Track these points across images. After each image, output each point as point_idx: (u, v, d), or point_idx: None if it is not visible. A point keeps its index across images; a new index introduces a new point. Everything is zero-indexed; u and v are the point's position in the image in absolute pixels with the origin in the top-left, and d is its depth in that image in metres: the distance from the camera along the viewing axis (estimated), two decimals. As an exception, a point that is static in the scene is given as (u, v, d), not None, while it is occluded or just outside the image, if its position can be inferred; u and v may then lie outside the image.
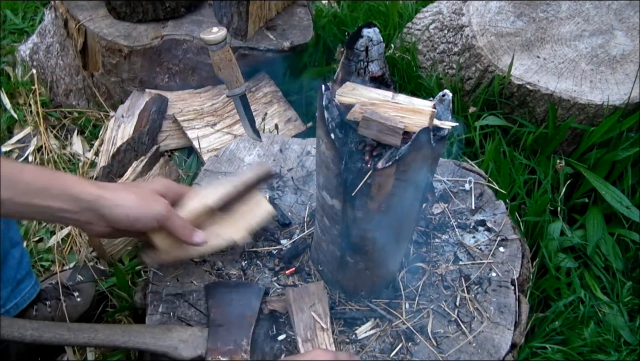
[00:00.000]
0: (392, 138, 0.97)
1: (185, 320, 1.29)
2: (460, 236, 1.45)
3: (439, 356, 1.25)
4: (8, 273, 1.40)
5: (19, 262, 1.42)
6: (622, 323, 1.65)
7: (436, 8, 2.19)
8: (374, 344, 1.28)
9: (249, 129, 1.60)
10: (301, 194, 1.52)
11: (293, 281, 1.37)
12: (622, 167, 1.83)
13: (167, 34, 1.91)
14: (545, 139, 1.86)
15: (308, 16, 2.09)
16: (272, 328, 1.30)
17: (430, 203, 1.50)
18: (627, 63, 1.88)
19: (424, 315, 1.32)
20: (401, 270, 1.38)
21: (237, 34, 1.92)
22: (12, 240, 1.39)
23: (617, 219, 1.80)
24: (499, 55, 1.89)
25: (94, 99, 2.10)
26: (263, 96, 2.04)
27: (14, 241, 1.40)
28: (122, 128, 1.89)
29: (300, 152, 1.61)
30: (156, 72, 1.99)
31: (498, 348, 1.27)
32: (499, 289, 1.37)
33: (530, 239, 1.72)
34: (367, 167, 1.00)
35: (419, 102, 1.00)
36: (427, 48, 2.14)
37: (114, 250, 1.70)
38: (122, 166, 1.83)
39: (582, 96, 1.79)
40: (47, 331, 1.20)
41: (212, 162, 1.58)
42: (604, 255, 1.76)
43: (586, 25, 1.98)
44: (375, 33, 1.01)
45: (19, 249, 1.42)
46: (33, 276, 1.50)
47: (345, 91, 1.02)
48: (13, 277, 1.42)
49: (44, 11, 2.35)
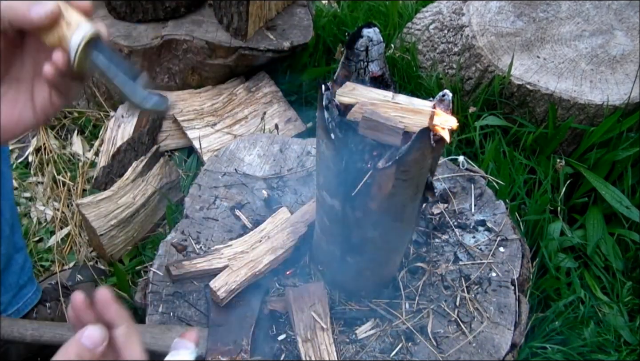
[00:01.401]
0: (392, 138, 0.97)
1: (185, 320, 1.29)
2: (460, 236, 1.45)
3: (439, 356, 1.25)
4: (11, 279, 1.39)
5: (21, 267, 1.41)
6: (622, 323, 1.65)
7: (436, 8, 2.19)
8: (374, 344, 1.28)
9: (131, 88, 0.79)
10: (301, 194, 1.52)
11: (293, 281, 1.37)
12: (622, 167, 1.83)
13: (167, 34, 1.91)
14: (545, 139, 1.86)
15: (308, 16, 2.09)
16: (272, 328, 1.30)
17: (430, 203, 1.50)
18: (627, 63, 1.88)
19: (424, 315, 1.32)
20: (401, 270, 1.38)
21: (237, 34, 1.92)
22: (17, 245, 1.39)
23: (617, 219, 1.79)
24: (499, 55, 1.89)
25: (94, 99, 2.10)
26: (263, 96, 2.04)
27: (18, 246, 1.40)
28: (122, 128, 1.89)
29: (300, 152, 1.61)
30: (156, 72, 1.98)
31: (498, 348, 1.27)
32: (499, 289, 1.37)
33: (530, 239, 1.72)
34: (367, 167, 1.00)
35: (419, 102, 1.00)
36: (427, 48, 2.14)
37: (114, 250, 1.70)
38: (122, 166, 1.83)
39: (582, 96, 1.79)
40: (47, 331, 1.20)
41: (212, 162, 1.58)
42: (604, 255, 1.76)
43: (586, 25, 1.98)
44: (375, 33, 1.01)
45: (22, 254, 1.42)
46: (35, 282, 1.50)
47: (345, 91, 1.02)
48: (15, 282, 1.41)
49: (44, 11, 2.35)
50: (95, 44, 0.72)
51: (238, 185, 1.54)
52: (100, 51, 0.72)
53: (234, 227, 1.47)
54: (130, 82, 0.72)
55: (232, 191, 1.53)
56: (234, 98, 2.02)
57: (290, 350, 1.26)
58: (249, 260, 1.33)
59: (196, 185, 1.54)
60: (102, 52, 0.72)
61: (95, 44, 0.72)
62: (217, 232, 1.46)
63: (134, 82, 0.72)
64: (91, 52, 0.72)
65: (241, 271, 1.31)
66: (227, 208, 1.50)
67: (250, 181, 1.55)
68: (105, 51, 0.72)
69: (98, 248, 1.73)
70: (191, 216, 1.48)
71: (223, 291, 1.27)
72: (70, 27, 0.72)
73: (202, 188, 1.53)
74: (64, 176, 1.93)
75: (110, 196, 1.69)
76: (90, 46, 0.72)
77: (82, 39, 0.71)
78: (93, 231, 1.64)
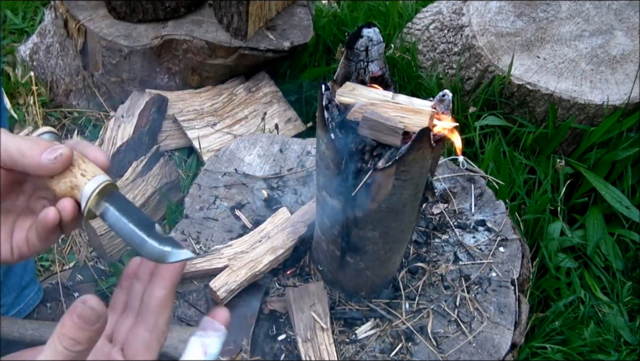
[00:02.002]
0: (392, 138, 0.97)
1: (185, 320, 1.29)
2: (460, 236, 1.45)
3: (439, 356, 1.25)
4: (13, 280, 1.39)
5: (24, 268, 1.41)
6: (622, 323, 1.65)
7: (436, 8, 2.19)
8: (374, 344, 1.28)
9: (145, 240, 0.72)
10: (301, 194, 1.52)
11: (293, 281, 1.37)
12: (622, 167, 1.83)
13: (167, 34, 1.91)
14: (545, 139, 1.86)
15: (308, 16, 2.09)
16: (272, 328, 1.30)
17: (430, 203, 1.50)
18: (627, 63, 1.88)
19: (424, 315, 1.32)
20: (401, 270, 1.38)
21: (237, 34, 1.92)
22: None
23: (617, 219, 1.79)
24: (499, 55, 1.89)
25: (94, 99, 2.10)
26: (263, 96, 2.04)
27: None
28: (122, 128, 1.89)
29: (300, 152, 1.61)
30: (156, 72, 1.98)
31: (498, 348, 1.27)
32: (499, 289, 1.37)
33: (530, 239, 1.72)
34: (367, 167, 1.00)
35: (419, 102, 1.00)
36: (427, 48, 2.14)
37: (114, 250, 1.70)
38: (122, 166, 1.83)
39: (582, 96, 1.79)
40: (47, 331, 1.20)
41: (212, 162, 1.58)
42: (604, 255, 1.76)
43: (586, 25, 1.98)
44: (375, 33, 1.01)
45: None
46: (37, 282, 1.50)
47: (345, 91, 1.02)
48: (18, 283, 1.41)
49: (44, 11, 2.35)
50: (109, 195, 0.70)
51: (238, 185, 1.54)
52: (114, 203, 0.69)
53: (234, 227, 1.47)
54: (140, 237, 0.67)
55: (232, 191, 1.53)
56: (234, 98, 2.02)
57: (290, 350, 1.26)
58: (249, 260, 1.33)
59: (196, 185, 1.54)
60: (114, 204, 0.69)
61: (108, 194, 0.70)
62: (217, 232, 1.46)
63: (147, 235, 0.67)
64: (102, 203, 0.69)
65: (241, 271, 1.31)
66: (227, 208, 1.50)
67: (250, 181, 1.55)
68: (118, 202, 0.69)
69: (98, 248, 1.73)
70: (191, 216, 1.48)
71: (223, 291, 1.27)
72: (86, 176, 0.69)
73: (202, 188, 1.53)
74: (64, 176, 1.93)
75: (110, 196, 1.69)
76: (102, 196, 0.69)
77: (97, 186, 0.68)
78: (93, 231, 1.64)
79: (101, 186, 0.68)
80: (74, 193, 0.69)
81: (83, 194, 0.68)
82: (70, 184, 0.69)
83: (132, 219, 0.68)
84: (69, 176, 0.69)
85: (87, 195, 0.68)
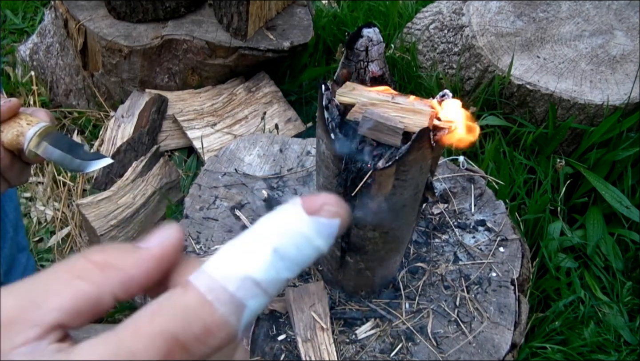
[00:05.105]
0: (392, 138, 0.97)
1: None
2: (460, 236, 1.45)
3: (439, 356, 1.25)
4: (14, 279, 1.39)
5: (25, 267, 1.41)
6: (622, 323, 1.65)
7: (436, 8, 2.19)
8: (374, 344, 1.28)
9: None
10: (301, 194, 1.52)
11: (293, 281, 1.37)
12: (622, 167, 1.83)
13: (167, 34, 1.91)
14: (545, 139, 1.86)
15: (308, 16, 2.09)
16: (272, 328, 1.30)
17: (430, 203, 1.50)
18: (627, 63, 1.88)
19: (424, 315, 1.32)
20: (401, 270, 1.38)
21: (237, 34, 1.92)
22: (20, 245, 1.38)
23: (617, 219, 1.80)
24: (499, 55, 1.89)
25: (94, 99, 2.10)
26: (263, 96, 2.04)
27: (21, 246, 1.39)
28: (122, 128, 1.89)
29: (300, 152, 1.61)
30: (156, 72, 1.99)
31: (498, 348, 1.27)
32: (499, 289, 1.37)
33: (530, 239, 1.72)
34: (367, 167, 1.00)
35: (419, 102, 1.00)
36: (427, 48, 2.14)
37: (114, 250, 1.70)
38: (122, 166, 1.83)
39: (582, 96, 1.79)
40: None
41: (212, 162, 1.58)
42: (604, 255, 1.76)
43: (586, 25, 1.98)
44: (375, 33, 1.01)
45: (25, 254, 1.41)
46: None
47: (345, 91, 1.02)
48: None
49: (44, 11, 2.35)
50: (48, 135, 0.81)
51: (238, 185, 1.54)
52: (51, 140, 0.81)
53: (234, 227, 1.47)
54: (67, 157, 0.81)
55: (232, 191, 1.53)
56: (234, 98, 2.02)
57: (290, 350, 1.26)
58: (249, 260, 1.32)
59: (196, 185, 1.54)
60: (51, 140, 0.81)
61: (48, 135, 0.81)
62: (217, 232, 1.45)
63: (73, 155, 0.81)
64: (42, 143, 0.80)
65: (241, 271, 1.30)
66: (227, 208, 1.50)
67: (250, 181, 1.55)
68: (55, 138, 0.81)
69: (98, 248, 1.72)
70: (191, 216, 1.48)
71: (223, 291, 1.27)
72: (31, 124, 0.81)
73: (202, 188, 1.53)
74: (64, 176, 1.93)
75: (110, 196, 1.69)
76: (42, 138, 0.80)
77: (38, 130, 0.80)
78: (93, 231, 1.64)
79: (42, 129, 0.80)
80: (20, 140, 0.80)
81: (26, 137, 0.80)
82: (17, 133, 0.80)
83: (63, 148, 0.81)
84: (15, 126, 0.80)
85: (29, 137, 0.80)
